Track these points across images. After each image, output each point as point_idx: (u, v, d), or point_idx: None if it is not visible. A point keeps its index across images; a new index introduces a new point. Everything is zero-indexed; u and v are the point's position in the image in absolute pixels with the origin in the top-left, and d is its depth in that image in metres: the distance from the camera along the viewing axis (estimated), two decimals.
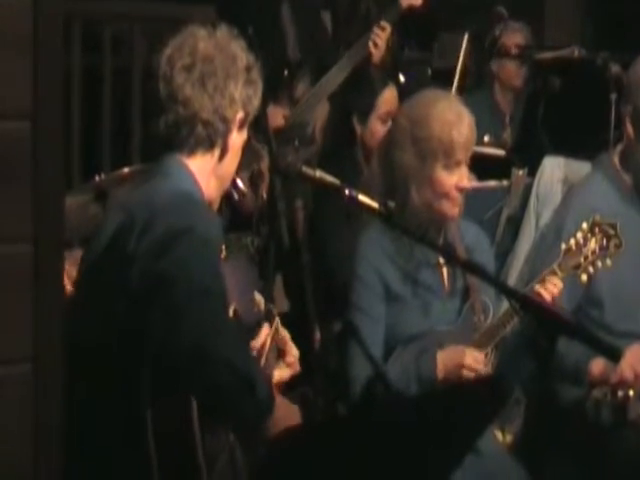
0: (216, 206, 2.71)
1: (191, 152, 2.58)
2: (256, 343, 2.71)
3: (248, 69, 2.61)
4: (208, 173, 2.61)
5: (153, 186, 2.57)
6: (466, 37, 5.40)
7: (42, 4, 1.82)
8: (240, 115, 2.60)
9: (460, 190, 3.35)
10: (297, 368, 2.78)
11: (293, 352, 2.78)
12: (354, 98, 4.47)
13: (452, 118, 3.32)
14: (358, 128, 4.41)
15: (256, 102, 2.64)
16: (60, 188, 1.89)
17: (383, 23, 4.84)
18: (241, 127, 2.63)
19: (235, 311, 2.55)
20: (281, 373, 2.77)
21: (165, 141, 2.59)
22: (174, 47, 2.58)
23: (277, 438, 2.05)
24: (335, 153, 4.47)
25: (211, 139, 2.58)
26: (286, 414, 2.56)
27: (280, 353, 2.77)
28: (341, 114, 4.53)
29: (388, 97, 4.40)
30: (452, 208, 3.36)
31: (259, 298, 2.81)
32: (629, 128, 3.63)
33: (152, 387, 2.38)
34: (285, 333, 2.80)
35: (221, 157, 2.62)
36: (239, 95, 2.59)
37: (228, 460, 2.43)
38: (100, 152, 5.42)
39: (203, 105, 2.54)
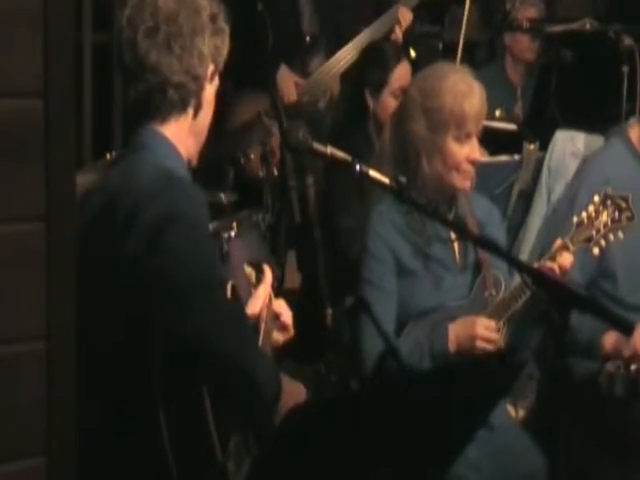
0: (195, 160, 2.60)
1: (165, 118, 2.48)
2: (254, 310, 2.67)
3: (213, 18, 2.49)
4: (185, 134, 2.52)
5: (134, 164, 2.48)
6: (467, 4, 5.32)
7: None
8: (211, 68, 2.50)
9: (472, 163, 3.35)
10: (291, 331, 2.74)
11: (287, 313, 2.74)
12: (367, 72, 4.47)
13: (464, 90, 3.32)
14: (370, 102, 4.40)
15: (225, 50, 2.53)
16: (72, 166, 1.89)
17: (406, 7, 4.85)
18: (212, 78, 2.53)
19: (233, 288, 2.51)
20: (276, 337, 2.74)
21: (138, 111, 2.49)
22: (133, 6, 2.45)
23: (287, 416, 2.05)
24: (347, 127, 4.46)
25: (184, 101, 2.48)
26: (290, 393, 2.55)
27: (276, 316, 2.75)
28: (354, 88, 4.52)
29: (401, 72, 4.39)
30: (463, 181, 3.35)
31: (249, 271, 2.80)
32: None
33: (164, 374, 2.35)
34: (280, 300, 2.76)
35: (195, 114, 2.52)
36: (207, 49, 2.47)
37: (240, 442, 2.44)
38: (111, 130, 5.42)
39: (172, 69, 2.43)
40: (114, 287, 2.38)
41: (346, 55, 4.76)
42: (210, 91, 2.55)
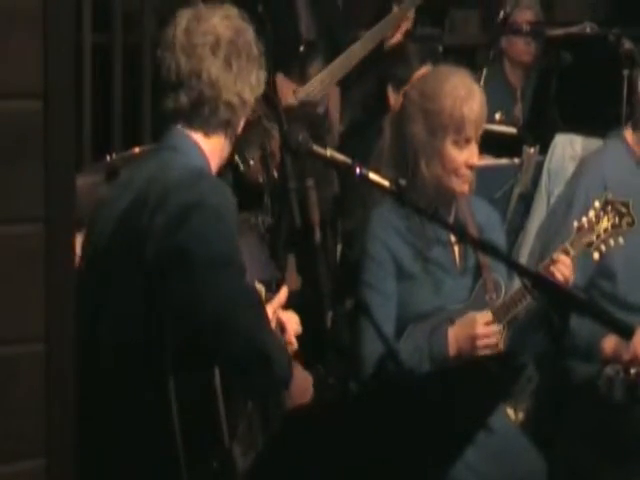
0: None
1: (208, 132, 2.60)
2: None
3: (261, 55, 2.64)
4: (219, 152, 2.64)
5: (164, 161, 2.58)
6: None
7: None
8: (253, 99, 2.63)
9: (470, 167, 3.35)
10: (294, 346, 2.77)
11: (292, 328, 2.77)
12: (392, 68, 4.48)
13: (463, 94, 3.32)
14: (392, 97, 4.41)
15: (262, 88, 2.67)
16: (71, 168, 1.89)
17: (407, 10, 4.85)
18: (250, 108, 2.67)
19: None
20: None
21: (178, 117, 2.59)
22: (190, 21, 2.59)
23: (288, 417, 2.06)
24: (363, 122, 4.47)
25: (230, 121, 2.60)
26: (299, 380, 2.59)
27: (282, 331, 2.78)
28: (376, 81, 4.54)
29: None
30: (461, 185, 3.36)
31: (260, 287, 2.82)
32: None
33: (174, 357, 2.41)
34: (291, 314, 2.79)
35: (232, 137, 2.64)
36: (255, 79, 2.61)
37: (247, 426, 2.46)
38: (111, 132, 5.42)
39: (228, 86, 2.56)
40: (137, 265, 2.46)
41: (346, 60, 4.76)
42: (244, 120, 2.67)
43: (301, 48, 4.91)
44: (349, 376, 3.39)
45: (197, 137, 2.59)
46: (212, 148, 2.61)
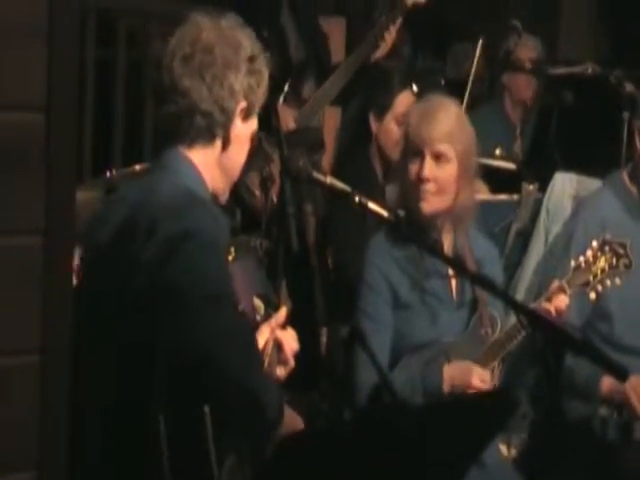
0: (225, 197, 2.67)
1: (192, 144, 2.54)
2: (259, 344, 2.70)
3: (251, 59, 2.55)
4: (212, 165, 2.57)
5: (156, 182, 2.54)
6: (480, 43, 5.39)
7: None
8: (242, 105, 2.55)
9: (420, 181, 3.33)
10: (292, 364, 2.75)
11: (289, 345, 2.75)
12: (373, 95, 4.47)
13: (422, 112, 3.40)
14: (374, 126, 4.40)
15: (261, 92, 2.59)
16: (72, 181, 1.89)
17: (389, 22, 4.84)
18: (246, 117, 2.58)
19: (243, 312, 2.53)
20: (279, 372, 2.71)
21: (167, 133, 2.56)
22: (177, 37, 2.55)
23: (281, 442, 2.04)
24: (351, 150, 4.46)
25: (211, 130, 2.54)
26: (289, 420, 2.54)
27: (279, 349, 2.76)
28: (358, 111, 4.52)
29: (405, 99, 4.38)
30: (417, 202, 3.35)
31: (258, 303, 2.80)
32: (639, 145, 3.66)
33: (165, 391, 2.36)
34: (289, 332, 2.77)
35: (224, 148, 2.57)
36: (240, 85, 2.53)
37: (236, 460, 2.43)
38: (112, 148, 5.41)
39: (202, 96, 2.51)
40: (127, 296, 2.41)
41: (337, 80, 4.76)
42: (244, 130, 2.60)
43: (292, 71, 4.92)
44: (343, 403, 3.38)
45: (186, 152, 2.55)
46: (203, 161, 2.55)
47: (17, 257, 1.81)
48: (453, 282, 3.42)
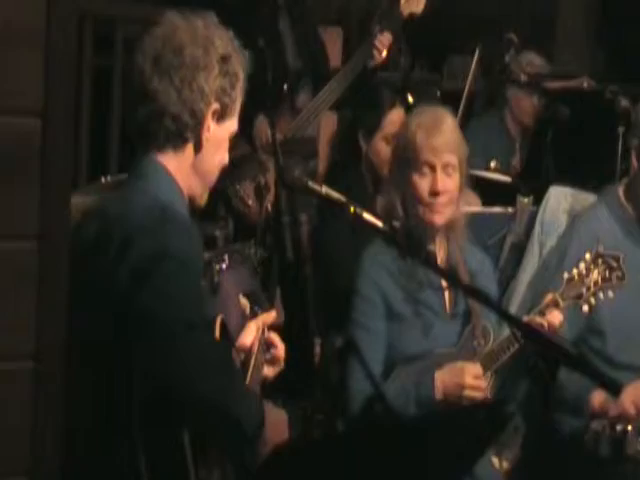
0: (203, 201, 2.59)
1: (163, 149, 2.47)
2: (245, 342, 2.66)
3: (224, 59, 2.48)
4: (187, 170, 2.50)
5: (130, 193, 2.48)
6: (476, 55, 5.41)
7: (56, 3, 1.82)
8: (214, 107, 2.48)
9: (434, 194, 3.34)
10: (282, 364, 2.73)
11: (279, 347, 2.73)
12: (361, 114, 4.48)
13: (426, 123, 3.38)
14: (363, 145, 4.40)
15: (236, 93, 2.51)
16: (67, 187, 1.88)
17: (385, 31, 4.85)
18: (220, 119, 2.51)
19: (222, 323, 2.48)
20: (266, 372, 2.72)
21: (137, 137, 2.50)
22: (151, 37, 2.49)
23: (270, 454, 2.03)
24: (342, 166, 4.47)
25: (181, 134, 2.46)
26: (272, 424, 2.53)
27: (267, 348, 2.74)
28: (348, 129, 4.53)
29: (394, 118, 4.38)
30: (430, 214, 3.36)
31: (244, 302, 2.78)
32: (634, 161, 3.65)
33: (143, 411, 2.32)
34: (272, 334, 2.75)
35: (197, 151, 2.50)
36: (210, 87, 2.46)
37: (220, 476, 2.41)
38: (108, 153, 5.41)
39: (170, 98, 2.43)
40: (102, 316, 2.36)
41: (332, 90, 4.77)
42: (218, 132, 2.52)
43: (287, 80, 4.93)
44: (336, 413, 3.38)
45: (160, 157, 2.48)
46: (177, 167, 2.48)
47: (12, 262, 1.80)
48: (447, 294, 3.42)
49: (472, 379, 3.22)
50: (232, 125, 2.56)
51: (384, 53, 4.87)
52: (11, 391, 1.80)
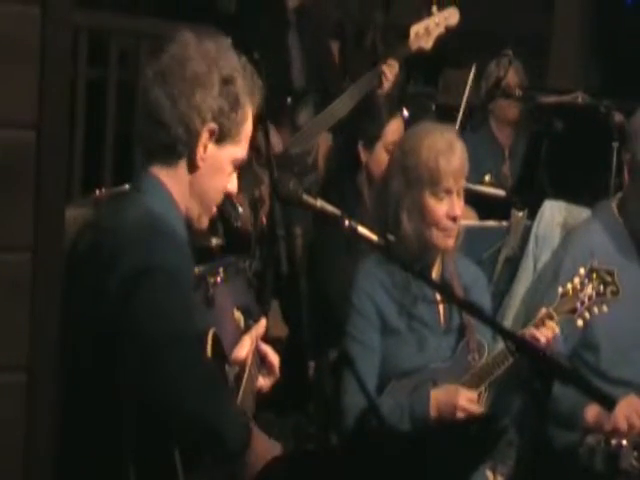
0: (203, 224, 2.57)
1: (159, 162, 2.47)
2: (240, 355, 2.66)
3: (226, 81, 2.46)
4: (183, 187, 2.48)
5: (124, 205, 2.48)
6: (473, 71, 5.43)
7: (50, 16, 1.82)
8: (211, 126, 2.46)
9: (452, 219, 3.34)
10: (277, 374, 2.72)
11: (272, 357, 2.73)
12: (362, 125, 4.47)
13: (442, 147, 3.34)
14: (363, 155, 4.40)
15: (237, 118, 2.48)
16: (61, 199, 1.89)
17: (391, 61, 4.86)
18: (219, 141, 2.48)
19: (215, 336, 2.48)
20: (261, 383, 2.73)
21: (141, 152, 2.51)
22: (162, 53, 2.50)
23: (266, 466, 2.02)
24: (338, 179, 4.46)
25: (175, 148, 2.45)
26: (266, 450, 2.51)
27: (262, 360, 2.73)
28: (347, 140, 4.53)
29: (395, 127, 4.39)
30: (444, 238, 3.35)
31: (238, 315, 2.78)
32: (627, 176, 3.66)
33: (134, 426, 2.32)
34: (265, 345, 2.74)
35: (192, 170, 2.48)
36: (208, 105, 2.44)
37: None
38: (102, 166, 5.41)
39: (165, 109, 2.43)
40: (91, 330, 2.36)
41: (335, 110, 4.77)
42: (217, 154, 2.50)
43: (290, 96, 4.93)
44: (330, 426, 3.37)
45: (156, 171, 2.47)
46: (173, 182, 2.47)
47: (5, 274, 1.80)
48: (441, 308, 3.42)
49: (466, 401, 3.21)
50: (236, 151, 2.53)
51: (392, 82, 4.89)
52: (3, 403, 1.80)
